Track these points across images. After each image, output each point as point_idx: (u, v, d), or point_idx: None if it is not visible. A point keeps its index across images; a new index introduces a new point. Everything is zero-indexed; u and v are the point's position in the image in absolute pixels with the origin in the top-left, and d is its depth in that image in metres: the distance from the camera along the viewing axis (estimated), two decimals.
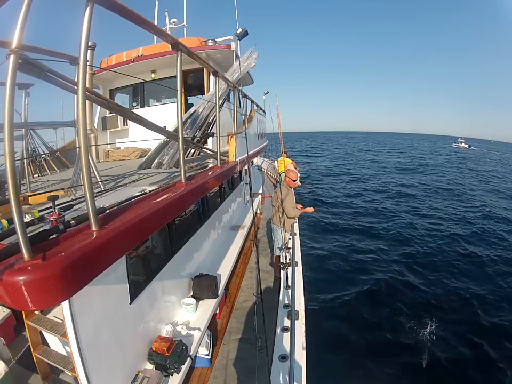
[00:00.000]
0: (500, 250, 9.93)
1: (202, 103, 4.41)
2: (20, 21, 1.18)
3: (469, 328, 5.99)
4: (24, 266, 1.13)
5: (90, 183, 1.43)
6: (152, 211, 1.90)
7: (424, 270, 8.41)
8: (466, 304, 6.82)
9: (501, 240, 10.81)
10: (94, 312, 1.96)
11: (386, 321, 6.18)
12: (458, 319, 6.27)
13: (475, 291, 7.39)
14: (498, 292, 7.39)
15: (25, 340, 2.72)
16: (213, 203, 4.87)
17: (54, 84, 1.77)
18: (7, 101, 1.12)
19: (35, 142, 4.65)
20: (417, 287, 7.54)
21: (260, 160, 14.82)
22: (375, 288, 7.41)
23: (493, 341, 5.64)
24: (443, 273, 8.29)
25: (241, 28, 4.76)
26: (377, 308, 6.60)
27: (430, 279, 7.91)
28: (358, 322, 6.11)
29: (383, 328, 5.93)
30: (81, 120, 1.39)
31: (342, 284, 7.59)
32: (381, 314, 6.41)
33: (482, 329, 5.99)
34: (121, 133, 6.44)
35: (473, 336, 5.76)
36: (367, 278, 7.93)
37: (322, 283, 7.53)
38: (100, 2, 1.46)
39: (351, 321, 6.12)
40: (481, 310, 6.60)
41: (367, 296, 7.07)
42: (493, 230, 11.83)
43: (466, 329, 5.97)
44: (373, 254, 9.44)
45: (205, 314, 3.28)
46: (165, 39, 2.36)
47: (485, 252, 9.68)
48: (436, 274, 8.19)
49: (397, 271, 8.32)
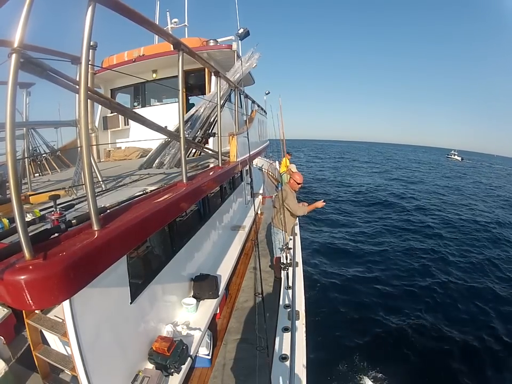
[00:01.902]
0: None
1: (203, 103, 4.41)
2: (22, 20, 1.17)
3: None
4: (25, 266, 1.13)
5: (91, 183, 1.43)
6: (153, 211, 1.90)
7: (437, 275, 8.37)
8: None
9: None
10: (95, 312, 1.96)
11: (388, 322, 6.18)
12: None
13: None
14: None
15: (25, 339, 2.72)
16: (214, 203, 4.86)
17: (55, 83, 1.77)
18: (9, 100, 1.12)
19: (36, 141, 4.65)
20: (426, 288, 7.55)
21: (260, 160, 14.84)
22: (378, 289, 7.42)
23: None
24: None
25: (243, 28, 4.75)
26: (379, 309, 6.60)
27: (442, 283, 7.90)
28: (359, 322, 6.11)
29: (385, 329, 5.93)
30: (83, 120, 1.39)
31: (343, 284, 7.59)
32: (383, 316, 6.40)
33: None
34: (122, 133, 6.44)
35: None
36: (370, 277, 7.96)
37: (323, 283, 7.54)
38: (102, 2, 1.45)
39: (352, 321, 6.12)
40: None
41: (369, 297, 7.06)
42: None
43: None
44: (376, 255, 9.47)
45: (206, 314, 3.28)
46: (166, 39, 2.36)
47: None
48: (447, 277, 8.21)
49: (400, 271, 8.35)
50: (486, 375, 4.98)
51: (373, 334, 5.74)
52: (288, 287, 3.83)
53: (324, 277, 7.90)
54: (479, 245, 10.82)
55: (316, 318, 5.65)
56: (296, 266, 4.20)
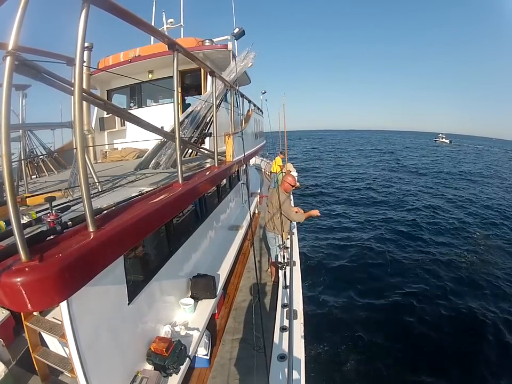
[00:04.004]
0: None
1: (199, 103, 4.41)
2: (17, 22, 1.17)
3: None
4: (22, 268, 1.14)
5: (87, 184, 1.43)
6: (149, 211, 1.90)
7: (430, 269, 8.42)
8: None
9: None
10: (93, 313, 1.96)
11: (387, 321, 6.20)
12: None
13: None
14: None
15: (24, 342, 2.72)
16: (210, 203, 4.86)
17: (50, 85, 1.77)
18: (4, 102, 1.13)
19: (33, 143, 4.63)
20: (426, 289, 7.51)
21: (258, 159, 14.84)
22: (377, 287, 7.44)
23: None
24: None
25: (238, 28, 4.74)
26: (378, 309, 6.62)
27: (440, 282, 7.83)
28: (357, 321, 6.13)
29: (383, 328, 5.94)
30: (77, 121, 1.40)
31: (341, 283, 7.61)
32: (381, 314, 6.42)
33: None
34: (118, 134, 6.44)
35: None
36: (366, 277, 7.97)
37: (321, 282, 7.56)
38: (96, 3, 1.46)
39: (350, 320, 6.14)
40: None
41: (367, 296, 7.08)
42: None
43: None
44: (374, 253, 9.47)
45: (204, 314, 3.28)
46: (161, 40, 2.36)
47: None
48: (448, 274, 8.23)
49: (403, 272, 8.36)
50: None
51: (371, 333, 5.76)
52: (286, 286, 3.84)
53: (322, 276, 7.92)
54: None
55: (314, 317, 5.67)
56: (293, 265, 4.21)
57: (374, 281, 7.71)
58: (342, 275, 8.04)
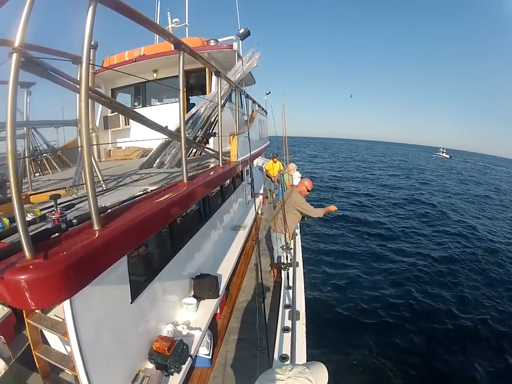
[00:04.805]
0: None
1: (204, 103, 4.40)
2: (23, 19, 1.17)
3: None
4: (26, 265, 1.13)
5: (92, 182, 1.43)
6: (153, 211, 1.90)
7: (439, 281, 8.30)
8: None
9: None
10: (95, 311, 1.95)
11: (388, 322, 6.18)
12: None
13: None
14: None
15: (25, 339, 2.72)
16: (214, 203, 4.86)
17: (56, 82, 1.77)
18: (10, 99, 1.12)
19: (37, 140, 4.66)
20: (427, 291, 7.50)
21: (261, 160, 14.82)
22: (377, 288, 7.41)
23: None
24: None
25: (244, 28, 4.75)
26: (379, 309, 6.59)
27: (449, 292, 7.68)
28: (359, 322, 6.10)
29: (384, 329, 5.92)
30: (83, 119, 1.39)
31: (344, 284, 7.58)
32: (383, 315, 6.39)
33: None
34: (122, 133, 6.44)
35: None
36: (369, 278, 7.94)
37: (323, 283, 7.54)
38: (102, 2, 1.45)
39: (352, 321, 6.12)
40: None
41: (369, 296, 7.06)
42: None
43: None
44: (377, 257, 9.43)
45: (206, 314, 3.28)
46: (167, 39, 2.36)
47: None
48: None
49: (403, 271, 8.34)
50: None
51: (374, 334, 5.73)
52: (289, 287, 3.83)
53: (325, 277, 7.90)
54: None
55: (316, 318, 5.64)
56: (296, 266, 4.19)
57: (378, 285, 7.67)
58: (346, 277, 8.00)
